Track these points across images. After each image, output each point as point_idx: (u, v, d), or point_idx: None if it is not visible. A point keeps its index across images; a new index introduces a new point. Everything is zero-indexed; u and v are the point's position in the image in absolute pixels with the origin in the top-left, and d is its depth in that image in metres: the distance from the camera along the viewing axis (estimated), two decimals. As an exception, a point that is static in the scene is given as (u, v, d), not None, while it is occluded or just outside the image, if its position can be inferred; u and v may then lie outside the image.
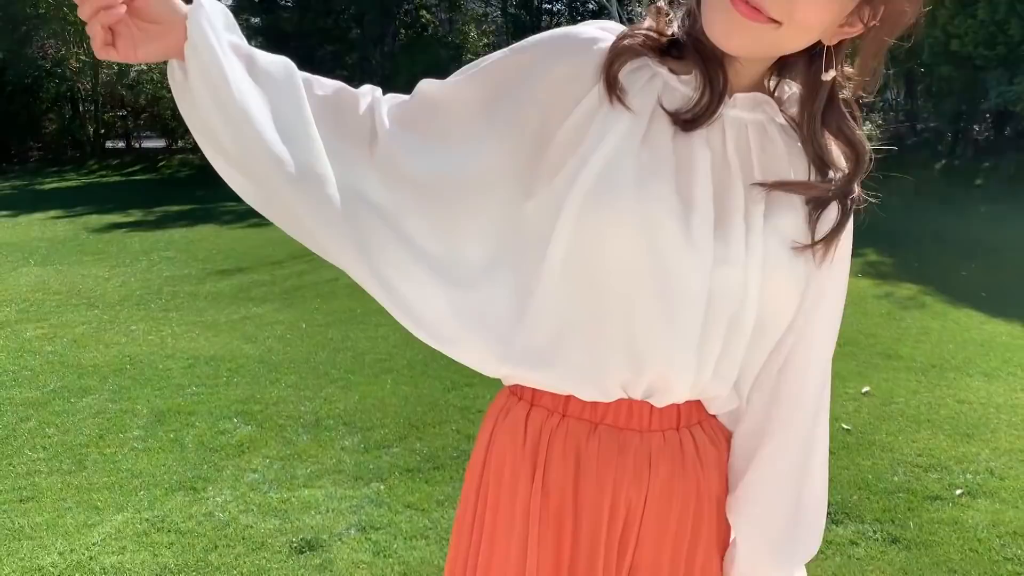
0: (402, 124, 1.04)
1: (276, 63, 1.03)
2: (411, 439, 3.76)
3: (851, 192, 1.01)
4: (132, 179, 14.64)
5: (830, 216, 1.01)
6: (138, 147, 18.18)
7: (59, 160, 16.34)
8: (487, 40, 21.57)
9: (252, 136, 0.99)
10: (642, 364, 0.99)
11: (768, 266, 0.97)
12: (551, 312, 1.00)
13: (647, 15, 1.01)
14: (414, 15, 19.35)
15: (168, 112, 17.84)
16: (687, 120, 0.96)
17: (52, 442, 3.76)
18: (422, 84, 1.07)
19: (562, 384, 1.03)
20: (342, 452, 3.63)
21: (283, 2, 17.34)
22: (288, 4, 17.23)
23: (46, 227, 9.49)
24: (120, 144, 18.24)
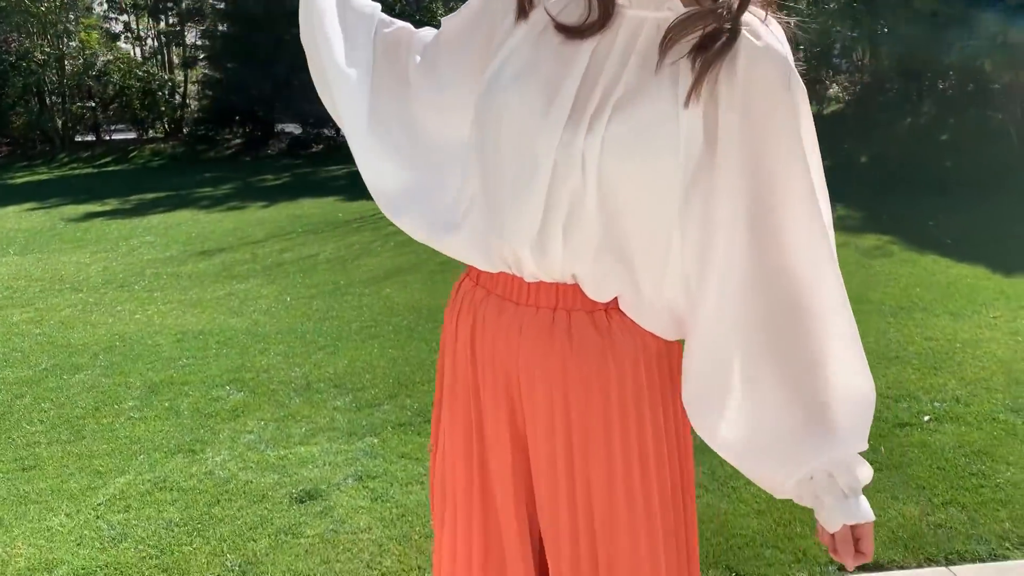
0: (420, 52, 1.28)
1: None
2: (401, 397, 3.88)
3: (735, 19, 1.04)
4: (104, 170, 14.56)
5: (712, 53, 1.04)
6: (108, 139, 18.05)
7: (28, 154, 16.21)
8: (455, 18, 21.45)
9: None
10: (502, 234, 1.13)
11: (609, 150, 1.04)
12: (464, 189, 1.20)
13: None
14: (380, -5, 19.25)
15: (137, 103, 17.70)
16: (573, 30, 1.10)
17: (49, 416, 3.83)
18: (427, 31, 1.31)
19: (464, 254, 1.20)
20: (335, 412, 3.74)
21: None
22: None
23: (22, 219, 9.47)
24: (90, 137, 18.10)
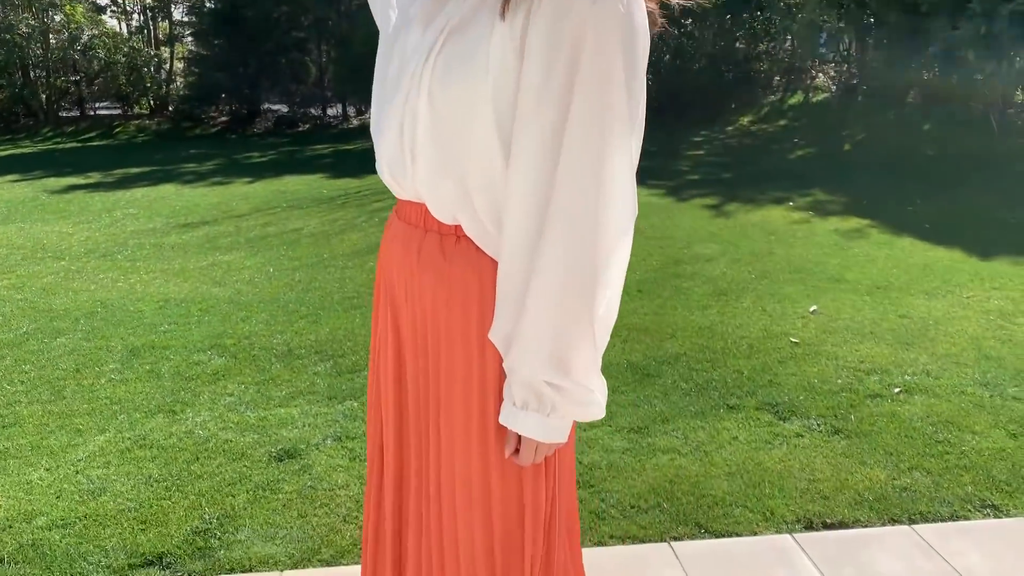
0: None
1: None
2: (381, 363, 3.91)
3: None
4: (88, 145, 14.46)
5: None
6: (93, 114, 17.89)
7: (12, 128, 16.07)
8: None
9: None
10: (378, 160, 1.29)
11: (436, 75, 1.15)
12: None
13: None
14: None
15: (122, 78, 17.56)
16: None
17: (30, 377, 3.84)
18: None
19: (381, 177, 1.33)
20: (315, 376, 3.77)
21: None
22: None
23: (3, 190, 9.41)
24: (74, 112, 17.94)
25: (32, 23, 16.35)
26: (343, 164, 10.45)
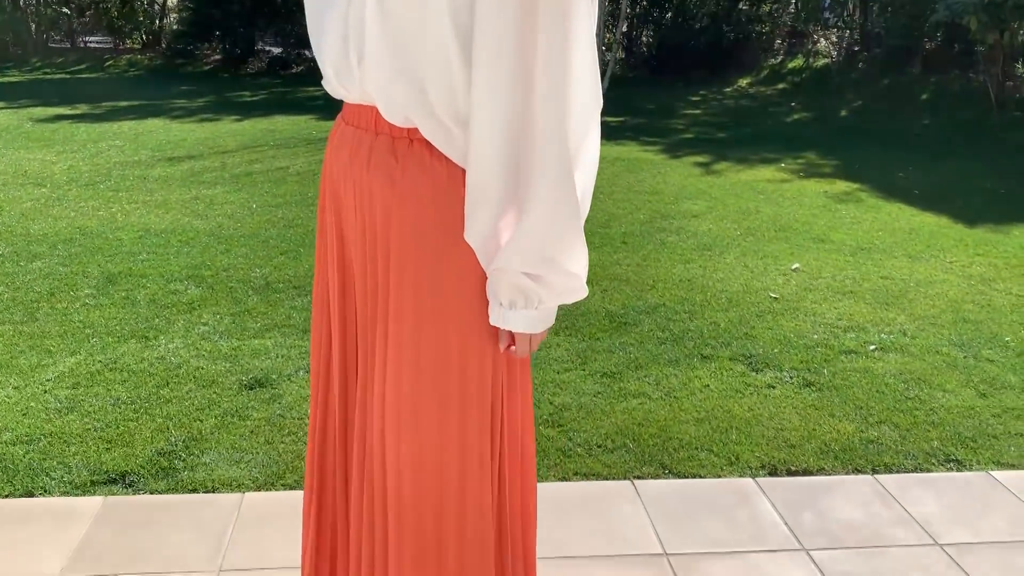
0: None
1: None
2: (359, 300, 3.89)
3: None
4: (77, 77, 14.20)
5: None
6: (83, 46, 17.56)
7: (0, 57, 15.77)
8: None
9: None
10: (321, 62, 1.26)
11: None
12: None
13: None
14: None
15: (114, 11, 17.20)
16: None
17: (3, 298, 3.81)
18: None
19: (326, 84, 1.31)
20: (291, 310, 3.75)
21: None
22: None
23: (-12, 118, 9.26)
24: (65, 44, 17.59)
25: (23, -51, 15.96)
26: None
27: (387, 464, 1.25)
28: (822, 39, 14.70)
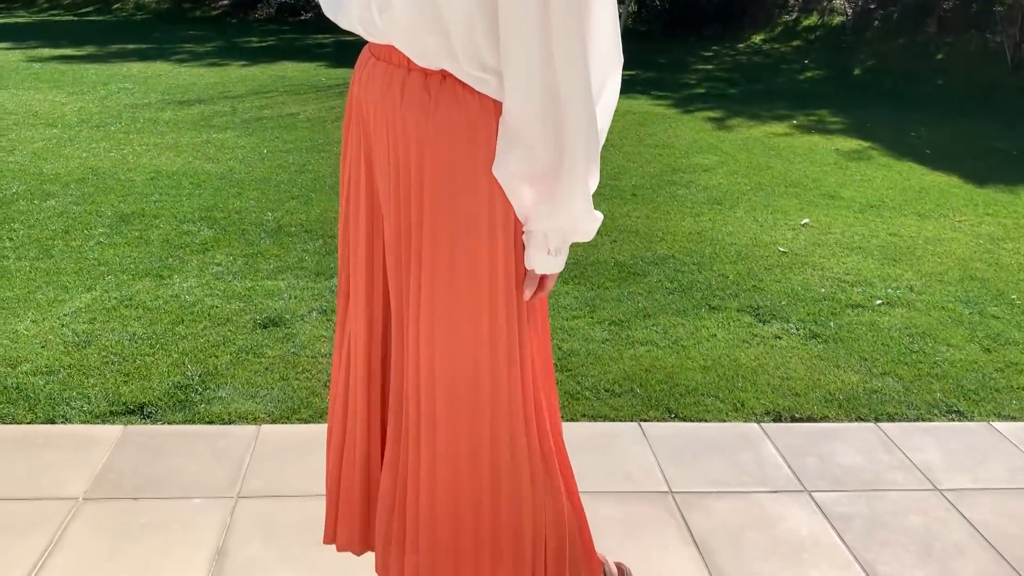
0: None
1: None
2: (370, 245, 3.92)
3: None
4: (85, 19, 14.10)
5: None
6: (90, -11, 17.40)
7: (6, -3, 15.64)
8: None
9: None
10: (349, 12, 1.27)
11: None
12: None
13: None
14: None
15: (121, -47, 16.97)
16: None
17: (18, 235, 3.84)
18: None
19: (351, 28, 1.31)
20: (304, 253, 3.78)
21: None
22: None
23: (-3, 58, 9.22)
24: (71, -15, 17.43)
25: None
26: (343, 54, 10.23)
27: (421, 374, 1.31)
28: (837, -3, 14.48)
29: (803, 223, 4.48)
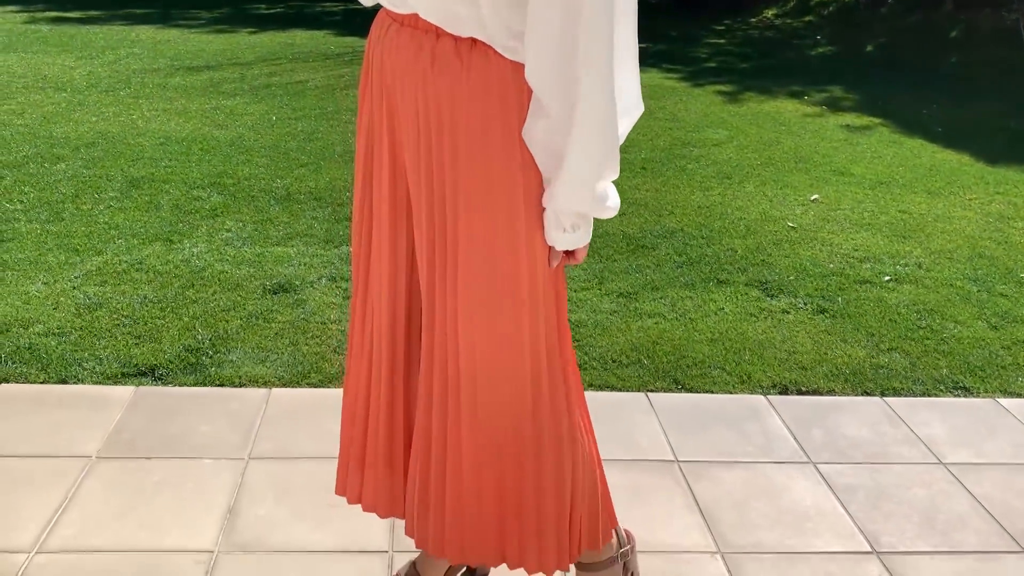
0: None
1: None
2: (380, 213, 3.92)
3: None
4: (92, -17, 14.03)
5: None
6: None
7: (13, -40, 15.55)
8: None
9: None
10: None
11: None
12: None
13: None
14: None
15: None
16: None
17: (29, 198, 3.86)
18: None
19: (367, 4, 1.33)
20: (313, 220, 3.79)
21: None
22: None
23: (4, 19, 9.18)
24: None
25: None
26: (352, 22, 10.16)
27: (460, 345, 1.32)
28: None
29: (812, 199, 4.47)
